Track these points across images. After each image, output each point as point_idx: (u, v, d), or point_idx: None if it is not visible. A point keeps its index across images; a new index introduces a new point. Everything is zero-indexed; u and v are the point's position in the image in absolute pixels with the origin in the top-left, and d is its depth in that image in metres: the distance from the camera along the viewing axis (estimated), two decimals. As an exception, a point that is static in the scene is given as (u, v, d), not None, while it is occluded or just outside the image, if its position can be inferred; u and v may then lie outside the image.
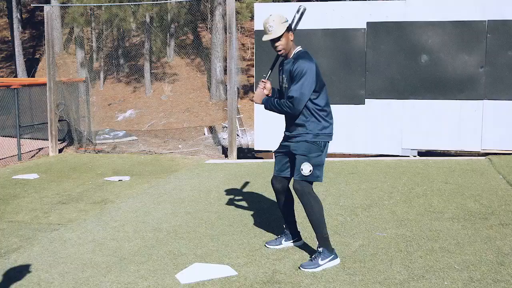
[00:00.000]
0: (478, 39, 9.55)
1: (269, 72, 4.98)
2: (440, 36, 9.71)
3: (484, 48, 9.53)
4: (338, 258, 4.75)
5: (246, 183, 7.98)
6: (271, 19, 4.65)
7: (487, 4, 9.48)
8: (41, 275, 4.77)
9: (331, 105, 4.84)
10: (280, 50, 4.73)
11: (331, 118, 4.79)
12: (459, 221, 5.83)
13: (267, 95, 4.88)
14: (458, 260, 4.71)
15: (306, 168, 4.63)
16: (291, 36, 4.73)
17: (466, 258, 4.74)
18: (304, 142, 4.68)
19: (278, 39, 4.67)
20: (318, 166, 4.68)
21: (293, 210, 5.14)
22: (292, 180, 4.83)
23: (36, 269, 4.92)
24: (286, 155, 4.89)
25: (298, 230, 5.25)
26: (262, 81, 4.89)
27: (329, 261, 4.65)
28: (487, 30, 9.50)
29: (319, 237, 4.70)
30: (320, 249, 4.67)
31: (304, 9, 4.89)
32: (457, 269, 4.50)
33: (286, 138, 4.90)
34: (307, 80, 4.57)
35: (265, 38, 4.70)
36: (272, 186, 5.07)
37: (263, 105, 4.84)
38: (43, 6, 12.02)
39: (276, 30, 4.64)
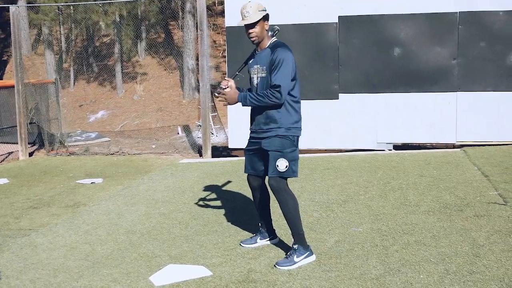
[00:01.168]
0: (450, 31, 9.59)
1: (242, 66, 4.90)
2: (412, 28, 9.73)
3: (456, 40, 9.58)
4: (314, 254, 4.70)
5: (221, 182, 7.91)
6: (248, 5, 4.59)
7: (458, -5, 9.54)
8: (11, 282, 4.64)
9: (305, 101, 4.79)
10: (253, 38, 4.64)
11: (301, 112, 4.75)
12: (434, 213, 5.83)
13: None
14: (434, 253, 4.70)
15: (282, 164, 4.57)
16: (266, 26, 4.66)
17: (441, 251, 4.73)
18: (276, 138, 4.60)
19: (252, 25, 4.59)
20: (293, 161, 4.62)
21: (269, 208, 5.07)
22: (267, 177, 4.75)
23: (7, 276, 4.78)
24: (257, 152, 4.81)
25: (274, 228, 5.19)
26: (225, 79, 4.80)
27: (305, 258, 4.60)
28: (458, 22, 9.54)
29: (294, 234, 4.65)
30: (295, 246, 4.61)
31: (278, 30, 4.83)
32: (433, 262, 4.49)
33: (254, 134, 4.81)
34: (289, 69, 4.52)
35: (240, 23, 4.62)
36: (249, 184, 5.01)
37: (239, 104, 4.70)
38: (8, 7, 11.76)
39: (252, 16, 4.56)
